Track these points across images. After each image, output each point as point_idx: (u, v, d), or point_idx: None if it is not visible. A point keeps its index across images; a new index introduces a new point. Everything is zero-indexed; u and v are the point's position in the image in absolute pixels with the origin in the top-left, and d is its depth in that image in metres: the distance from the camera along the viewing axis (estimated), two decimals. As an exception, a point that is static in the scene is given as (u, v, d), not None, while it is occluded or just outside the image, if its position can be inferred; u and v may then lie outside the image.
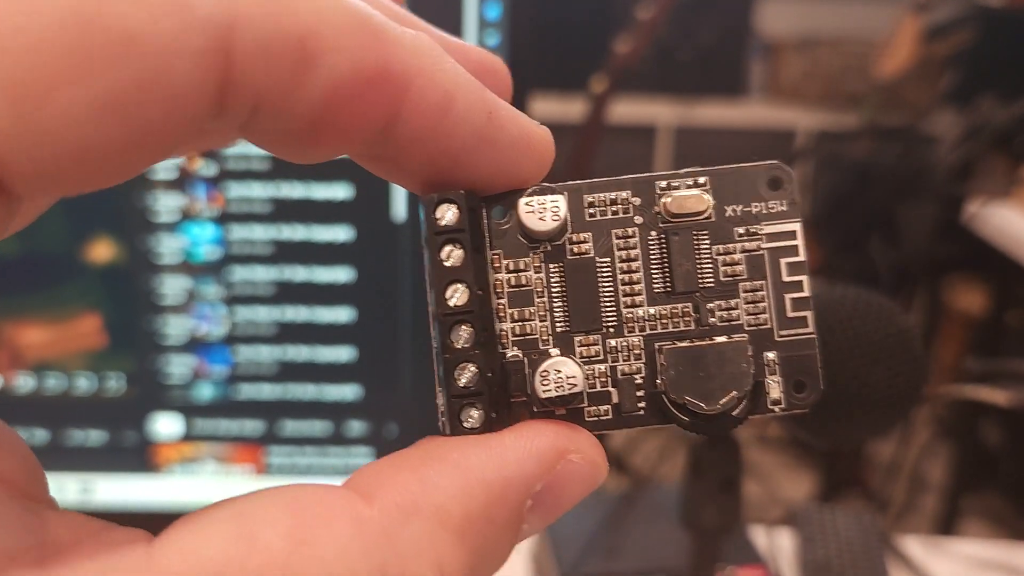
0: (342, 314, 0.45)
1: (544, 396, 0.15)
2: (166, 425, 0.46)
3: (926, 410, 1.34)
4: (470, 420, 0.15)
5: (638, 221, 0.16)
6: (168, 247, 0.44)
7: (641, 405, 0.16)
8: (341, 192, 0.44)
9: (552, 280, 0.16)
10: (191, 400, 0.46)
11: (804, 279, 0.16)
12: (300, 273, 0.45)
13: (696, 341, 0.16)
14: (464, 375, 0.15)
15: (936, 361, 1.60)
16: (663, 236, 0.16)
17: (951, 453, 1.47)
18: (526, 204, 0.16)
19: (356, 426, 0.47)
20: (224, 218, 0.44)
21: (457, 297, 0.15)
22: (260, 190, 0.44)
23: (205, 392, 0.46)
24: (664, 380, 0.16)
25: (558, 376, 0.15)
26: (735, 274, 0.16)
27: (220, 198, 0.44)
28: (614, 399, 0.16)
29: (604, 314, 0.16)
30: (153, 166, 0.13)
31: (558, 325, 0.16)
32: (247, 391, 0.46)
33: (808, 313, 0.16)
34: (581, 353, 0.16)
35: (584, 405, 0.16)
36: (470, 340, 0.15)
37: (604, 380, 0.16)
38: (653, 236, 0.16)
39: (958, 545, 0.63)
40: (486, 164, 0.15)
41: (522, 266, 0.16)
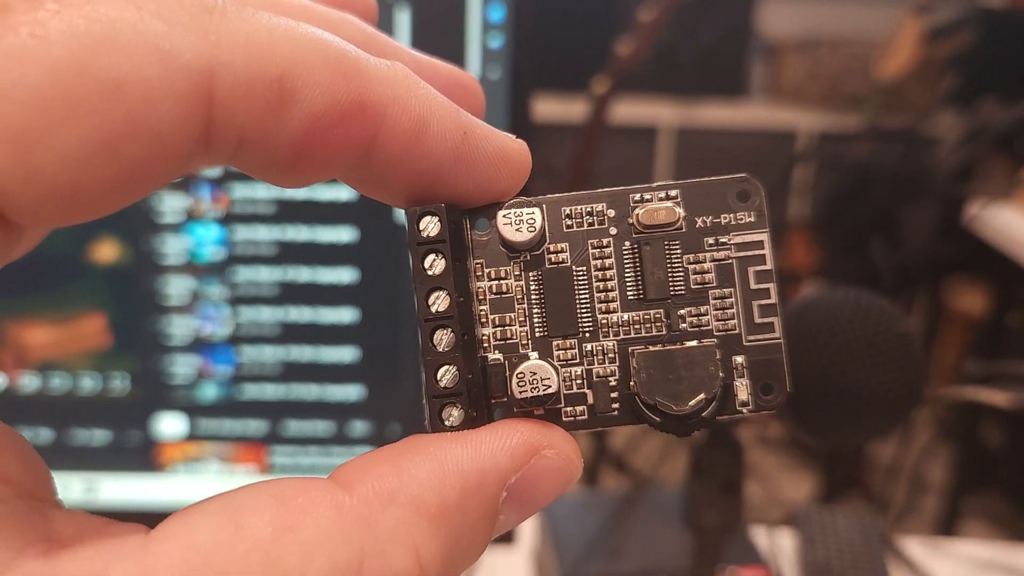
0: (345, 315, 0.46)
1: (521, 396, 0.16)
2: (170, 425, 0.46)
3: (927, 412, 1.34)
4: (450, 418, 0.16)
5: (613, 232, 0.17)
6: (172, 248, 0.45)
7: (615, 406, 0.17)
8: (344, 193, 0.44)
9: (531, 288, 0.17)
10: (195, 400, 0.46)
11: (771, 287, 0.17)
12: (304, 274, 0.45)
13: (667, 345, 0.17)
14: (445, 376, 0.16)
15: (937, 362, 1.60)
16: (636, 246, 0.17)
17: (951, 454, 1.47)
18: (504, 216, 0.17)
19: (359, 426, 0.47)
20: (228, 219, 0.45)
21: (439, 303, 0.16)
22: (264, 191, 0.44)
23: (209, 392, 0.46)
24: (637, 382, 0.16)
25: (533, 378, 0.16)
26: (705, 282, 0.17)
27: (224, 199, 0.44)
28: (589, 400, 0.17)
29: (580, 319, 0.17)
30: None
31: (537, 330, 0.17)
32: (251, 391, 0.46)
33: (775, 319, 0.17)
34: (559, 356, 0.17)
35: (561, 405, 0.17)
36: (451, 344, 0.16)
37: (580, 382, 0.17)
38: (627, 246, 0.17)
39: (958, 546, 0.63)
40: (464, 180, 0.16)
41: (503, 274, 0.17)
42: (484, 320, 0.17)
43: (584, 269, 0.17)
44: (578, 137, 1.17)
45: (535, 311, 0.17)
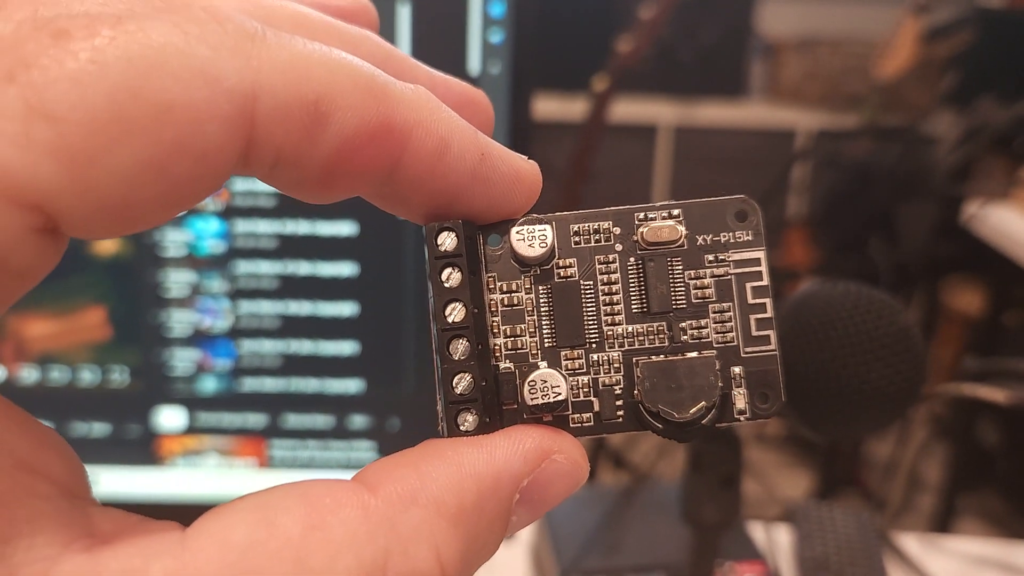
0: (345, 308, 0.46)
1: (532, 403, 0.17)
2: (170, 418, 0.46)
3: (923, 410, 1.34)
4: (466, 423, 0.16)
5: (618, 248, 0.18)
6: (173, 241, 0.45)
7: (620, 413, 0.18)
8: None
9: (541, 300, 0.18)
10: (195, 393, 0.46)
11: (767, 301, 0.18)
12: (304, 267, 0.45)
13: (669, 356, 0.18)
14: (461, 383, 0.17)
15: (934, 361, 1.60)
16: (640, 262, 0.18)
17: (948, 453, 1.47)
18: (517, 233, 0.18)
19: (358, 420, 0.47)
20: (229, 212, 0.45)
21: (455, 314, 0.17)
22: (265, 185, 0.44)
23: (209, 385, 0.46)
24: (640, 391, 0.17)
25: (544, 386, 0.17)
26: (705, 296, 0.18)
27: (225, 193, 0.44)
28: (595, 407, 0.18)
29: (587, 331, 0.18)
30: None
31: (546, 341, 0.18)
32: (250, 384, 0.46)
33: (771, 332, 0.18)
34: (566, 366, 0.18)
35: (568, 412, 0.18)
36: (466, 352, 0.17)
37: (587, 390, 0.18)
38: (632, 262, 0.18)
39: (955, 543, 0.64)
40: (480, 199, 0.17)
41: (514, 287, 0.18)
42: (496, 331, 0.18)
43: (591, 283, 0.18)
44: (578, 135, 1.17)
45: (544, 323, 0.18)
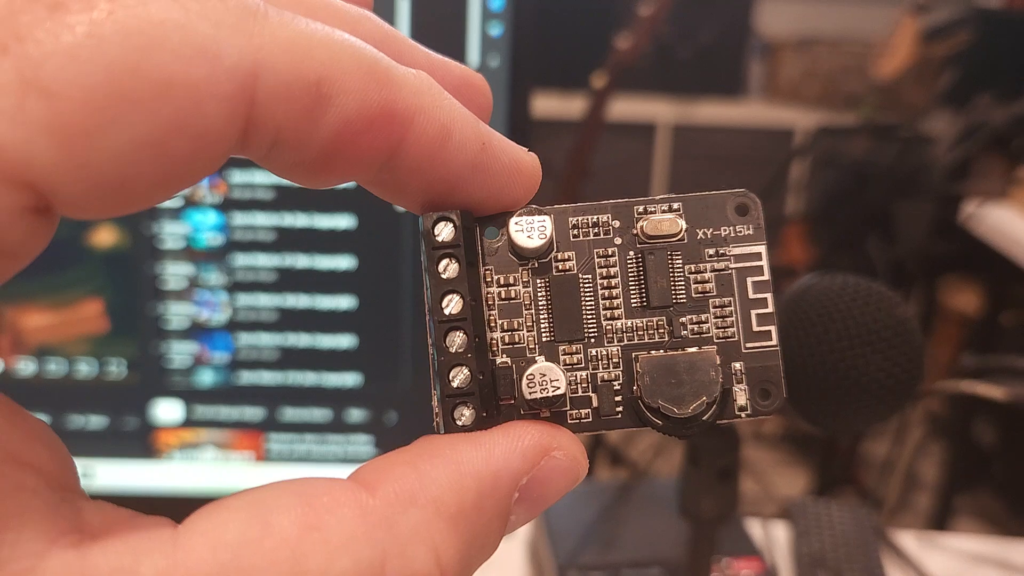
0: (343, 302, 0.46)
1: (530, 398, 0.17)
2: (166, 411, 0.46)
3: (921, 408, 1.35)
4: (462, 418, 0.16)
5: (617, 242, 0.18)
6: (171, 233, 0.44)
7: (619, 409, 0.17)
8: (343, 180, 0.44)
9: (539, 294, 0.17)
10: (192, 386, 0.46)
11: (768, 296, 0.18)
12: (302, 260, 0.45)
13: (669, 351, 0.17)
14: (458, 377, 0.16)
15: (931, 360, 1.60)
16: (640, 255, 0.18)
17: (945, 451, 1.48)
18: (515, 224, 0.17)
19: (356, 413, 0.47)
20: (227, 205, 0.44)
21: (452, 306, 0.16)
22: (263, 177, 0.44)
23: (206, 378, 0.46)
24: (640, 386, 0.17)
25: (543, 379, 0.17)
26: (705, 291, 0.18)
27: (223, 185, 0.44)
28: (594, 403, 0.17)
29: (586, 325, 0.17)
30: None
31: (544, 335, 0.17)
32: (248, 377, 0.46)
33: (772, 327, 0.18)
34: (564, 361, 0.17)
35: (567, 408, 0.17)
36: (463, 345, 0.16)
37: (585, 385, 0.17)
38: (631, 255, 0.18)
39: (952, 540, 0.64)
40: (480, 189, 0.16)
41: (511, 280, 0.17)
42: (493, 324, 0.17)
43: (590, 277, 0.18)
44: (576, 133, 1.17)
45: (542, 317, 0.17)
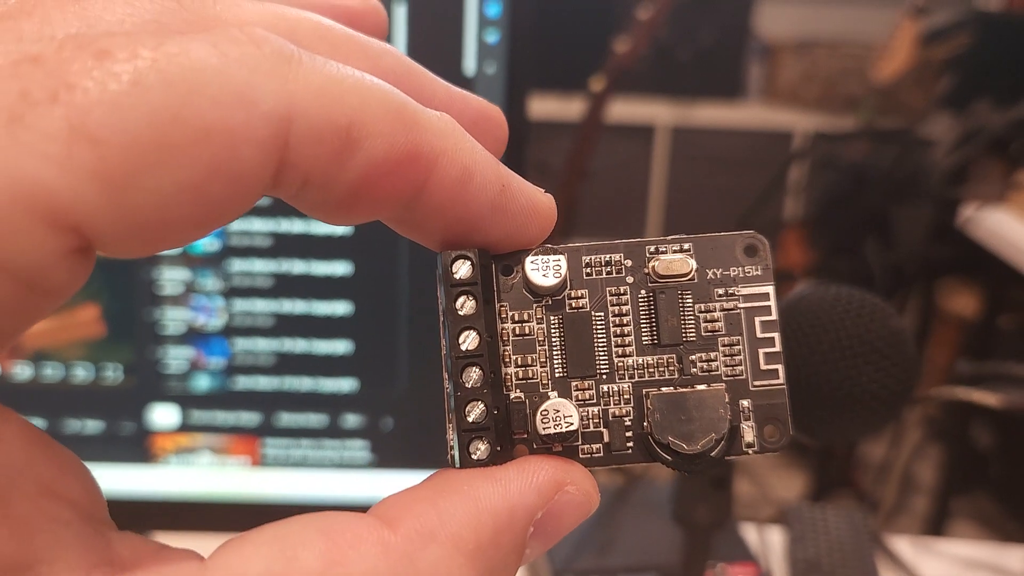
0: (339, 307, 0.46)
1: (544, 433, 0.17)
2: (163, 415, 0.46)
3: (917, 412, 1.35)
4: (477, 452, 0.16)
5: (629, 280, 0.18)
6: (167, 238, 0.44)
7: (629, 444, 0.18)
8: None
9: (552, 331, 0.18)
10: (188, 391, 0.46)
11: (776, 336, 0.18)
12: (298, 266, 0.45)
13: (679, 388, 0.18)
14: (473, 412, 0.16)
15: (928, 363, 1.61)
16: (651, 294, 0.18)
17: (941, 455, 1.48)
18: (531, 263, 0.18)
19: (352, 419, 0.47)
20: (223, 210, 0.44)
21: (469, 342, 0.17)
22: (259, 183, 0.44)
23: (202, 383, 0.46)
24: (650, 422, 0.17)
25: (557, 415, 0.17)
26: (715, 330, 0.18)
27: (220, 190, 0.44)
28: (605, 438, 0.18)
29: (598, 362, 0.18)
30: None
31: (557, 371, 0.18)
32: (244, 383, 0.46)
33: (779, 366, 0.18)
34: (577, 397, 0.18)
35: (578, 443, 0.18)
36: (479, 381, 0.17)
37: (597, 421, 0.18)
38: (643, 294, 0.18)
39: (948, 545, 0.64)
40: (498, 228, 0.17)
41: (526, 317, 0.18)
42: (507, 360, 0.18)
43: (602, 314, 0.18)
44: (575, 135, 1.17)
45: (555, 353, 0.18)
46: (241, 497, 0.47)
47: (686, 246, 0.18)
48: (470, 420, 0.16)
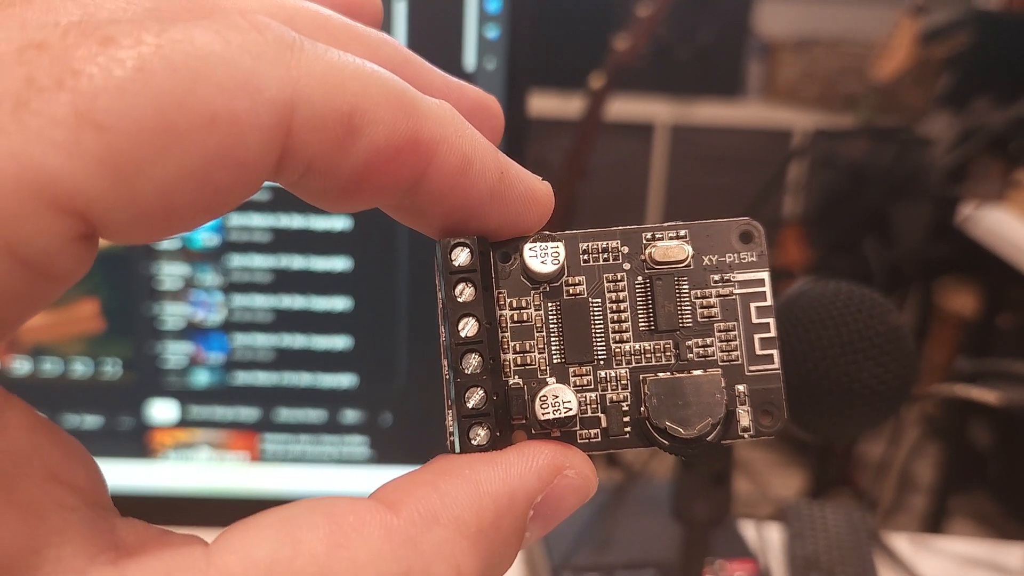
0: (339, 303, 0.46)
1: (543, 418, 0.17)
2: (162, 411, 0.46)
3: (916, 410, 1.35)
4: (477, 437, 0.17)
5: (626, 267, 0.18)
6: (166, 233, 0.44)
7: (627, 429, 0.18)
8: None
9: (550, 317, 0.18)
10: (187, 386, 0.46)
11: (771, 321, 0.18)
12: (297, 261, 0.45)
13: (676, 373, 0.18)
14: (473, 398, 0.17)
15: (927, 362, 1.61)
16: (648, 280, 0.18)
17: (940, 453, 1.48)
18: (529, 250, 0.18)
19: (351, 414, 0.47)
20: (223, 206, 0.44)
21: (468, 329, 0.17)
22: (259, 178, 0.44)
23: (201, 378, 0.46)
24: (647, 407, 0.18)
25: (555, 401, 0.17)
26: (711, 315, 0.18)
27: (219, 186, 0.44)
28: (603, 423, 0.18)
29: (595, 348, 0.18)
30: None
31: (555, 357, 0.18)
32: (243, 378, 0.46)
33: (774, 351, 0.18)
34: (574, 382, 0.18)
35: (577, 428, 0.18)
36: (479, 367, 0.17)
37: (595, 406, 0.18)
38: (639, 280, 0.18)
39: (946, 543, 0.64)
40: (496, 216, 0.17)
41: (524, 304, 0.18)
42: (506, 346, 0.18)
43: (599, 301, 0.18)
44: (574, 133, 1.18)
45: (553, 339, 0.18)
46: (240, 492, 0.47)
47: (682, 233, 0.18)
48: (470, 406, 0.17)
